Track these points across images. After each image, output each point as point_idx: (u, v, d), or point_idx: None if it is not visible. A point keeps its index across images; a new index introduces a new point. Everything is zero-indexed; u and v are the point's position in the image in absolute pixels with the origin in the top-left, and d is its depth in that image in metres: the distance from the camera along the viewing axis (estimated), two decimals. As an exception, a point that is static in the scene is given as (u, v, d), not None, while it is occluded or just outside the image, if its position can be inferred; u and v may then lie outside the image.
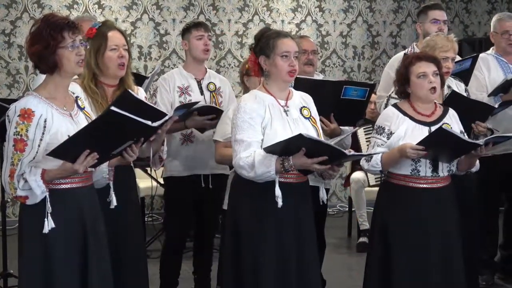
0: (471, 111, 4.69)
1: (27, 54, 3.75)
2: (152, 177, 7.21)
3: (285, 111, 4.06)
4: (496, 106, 5.03)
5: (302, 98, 4.19)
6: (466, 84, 5.39)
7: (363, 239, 7.45)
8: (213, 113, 5.08)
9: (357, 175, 7.63)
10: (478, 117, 4.80)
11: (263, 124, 3.97)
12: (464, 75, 5.36)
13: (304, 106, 4.16)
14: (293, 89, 4.21)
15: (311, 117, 4.15)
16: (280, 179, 3.91)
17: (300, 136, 3.77)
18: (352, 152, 3.99)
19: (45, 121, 3.56)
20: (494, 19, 6.12)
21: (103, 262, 3.78)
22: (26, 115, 3.54)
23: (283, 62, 4.00)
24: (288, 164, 3.84)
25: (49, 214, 3.55)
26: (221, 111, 5.08)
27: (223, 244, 4.22)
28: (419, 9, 6.05)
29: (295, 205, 4.01)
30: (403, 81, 4.46)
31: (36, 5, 8.52)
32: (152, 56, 8.91)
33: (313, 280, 4.12)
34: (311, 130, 4.05)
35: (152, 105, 4.13)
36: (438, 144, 4.25)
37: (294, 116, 4.07)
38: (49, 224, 3.55)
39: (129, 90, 4.03)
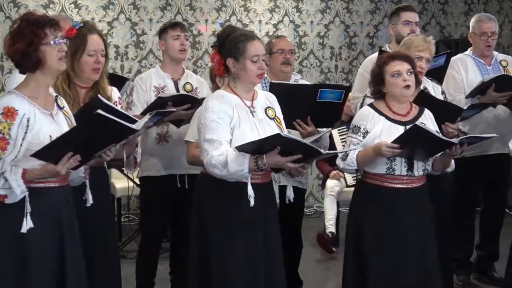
0: (440, 112, 4.69)
1: (6, 54, 3.74)
2: (128, 178, 7.19)
3: (251, 111, 4.07)
4: (465, 108, 5.03)
5: (266, 98, 4.21)
6: (441, 81, 5.41)
7: (326, 233, 7.46)
8: (187, 103, 5.04)
9: (331, 183, 7.68)
10: (448, 118, 4.81)
11: (232, 124, 3.97)
12: (439, 72, 5.37)
13: (268, 107, 4.17)
14: (257, 89, 4.21)
15: (275, 117, 4.16)
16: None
17: (277, 135, 3.79)
18: (327, 150, 4.00)
19: (28, 120, 3.57)
20: (473, 19, 6.12)
21: (79, 262, 3.78)
22: (9, 113, 3.54)
23: (253, 66, 4.00)
24: (262, 163, 3.85)
25: (28, 214, 3.54)
26: (196, 99, 5.06)
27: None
28: (392, 11, 6.07)
29: (262, 205, 4.02)
30: (378, 81, 4.47)
31: (12, 4, 8.46)
32: (128, 56, 8.87)
33: (279, 279, 4.14)
34: (276, 130, 4.05)
35: (122, 110, 4.11)
36: (413, 142, 4.26)
37: (260, 116, 4.09)
38: (27, 224, 3.54)
39: (99, 96, 4.00)
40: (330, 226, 7.55)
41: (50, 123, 3.65)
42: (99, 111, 3.44)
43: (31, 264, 3.59)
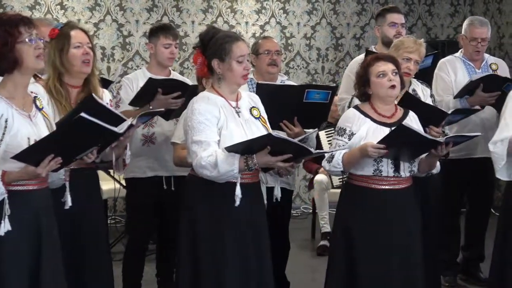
0: (425, 114, 4.70)
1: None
2: (114, 179, 7.17)
3: (237, 112, 4.07)
4: (450, 112, 5.04)
5: (250, 99, 4.21)
6: (429, 83, 5.40)
7: (323, 242, 7.48)
8: (178, 89, 4.98)
9: (320, 177, 7.66)
10: (432, 122, 4.81)
11: (219, 125, 3.97)
12: (426, 73, 5.37)
13: (253, 106, 4.17)
14: (240, 90, 4.20)
15: (260, 117, 4.17)
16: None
17: (268, 135, 3.81)
18: (317, 150, 4.01)
19: (6, 121, 3.52)
20: (466, 22, 6.09)
21: (57, 265, 3.74)
22: None
23: (239, 66, 4.00)
24: (252, 163, 3.85)
25: (6, 216, 3.50)
26: (187, 86, 5.04)
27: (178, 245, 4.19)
28: (378, 12, 6.07)
29: (251, 205, 4.02)
30: (363, 82, 4.48)
31: (-2, 5, 8.44)
32: (115, 57, 8.85)
33: (268, 280, 4.14)
34: (262, 130, 4.07)
35: (115, 111, 4.10)
36: (399, 142, 4.26)
37: (246, 116, 4.09)
38: (5, 226, 3.50)
39: (93, 95, 4.00)
40: (325, 225, 7.55)
41: (28, 124, 3.61)
42: (83, 114, 3.42)
43: (6, 266, 3.54)
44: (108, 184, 7.40)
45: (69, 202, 3.89)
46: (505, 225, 4.75)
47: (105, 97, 4.39)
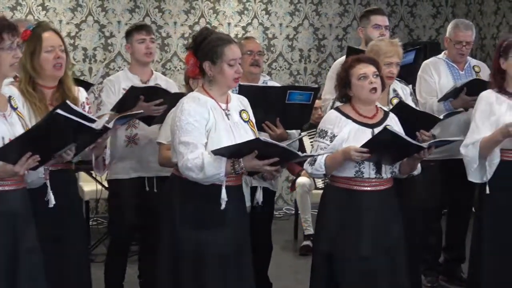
0: (418, 120, 4.72)
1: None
2: (96, 180, 7.15)
3: (226, 114, 4.05)
4: (442, 117, 5.06)
5: (239, 101, 4.19)
6: (410, 79, 5.41)
7: (306, 243, 7.49)
8: (160, 97, 4.99)
9: (302, 179, 7.67)
10: (423, 126, 4.82)
11: (207, 127, 3.94)
12: (407, 69, 5.37)
13: (243, 110, 4.16)
14: (229, 92, 4.19)
15: (249, 121, 4.15)
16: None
17: (257, 140, 3.79)
18: (304, 153, 4.00)
19: None
20: (451, 24, 6.10)
21: (34, 266, 3.70)
22: None
23: (230, 70, 3.98)
24: (239, 166, 3.84)
25: None
26: (169, 93, 5.03)
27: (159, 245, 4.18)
28: (361, 13, 6.07)
29: (233, 207, 4.01)
30: (344, 84, 4.47)
31: (-21, 6, 8.39)
32: (97, 58, 8.82)
33: (249, 281, 4.15)
34: (250, 134, 4.06)
35: (90, 115, 4.08)
36: (382, 146, 4.27)
37: (235, 119, 4.07)
38: None
39: (67, 101, 3.96)
40: (309, 227, 7.56)
41: (3, 124, 3.60)
42: (59, 110, 3.41)
43: None
44: (90, 186, 7.40)
45: (52, 200, 3.87)
46: (479, 225, 4.80)
47: (80, 95, 4.38)
